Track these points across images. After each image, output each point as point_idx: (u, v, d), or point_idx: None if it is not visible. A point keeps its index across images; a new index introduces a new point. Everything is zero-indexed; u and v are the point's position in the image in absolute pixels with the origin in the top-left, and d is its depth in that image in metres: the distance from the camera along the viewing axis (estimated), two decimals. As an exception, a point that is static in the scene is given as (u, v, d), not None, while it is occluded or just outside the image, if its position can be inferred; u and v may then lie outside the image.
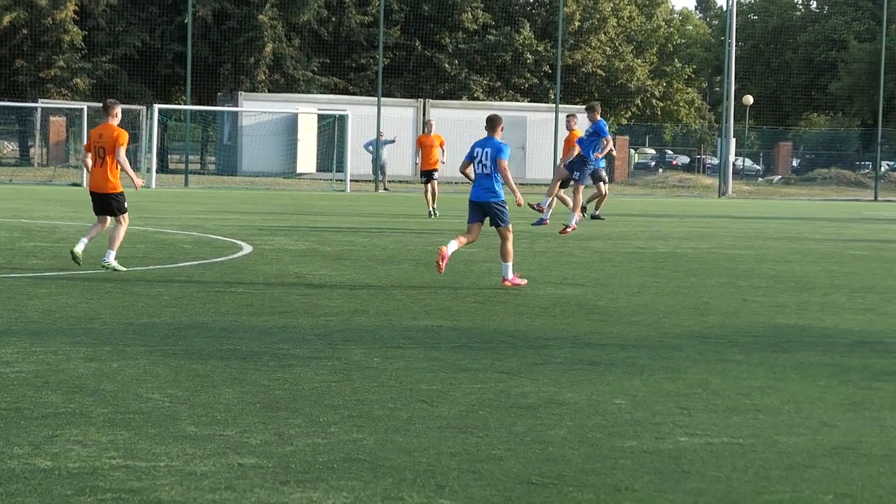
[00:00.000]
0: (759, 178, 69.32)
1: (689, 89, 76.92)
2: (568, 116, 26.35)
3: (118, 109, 15.18)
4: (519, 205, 15.25)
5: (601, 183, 26.78)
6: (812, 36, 77.15)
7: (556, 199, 23.75)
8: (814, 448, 6.92)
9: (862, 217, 35.22)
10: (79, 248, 14.85)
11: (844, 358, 10.07)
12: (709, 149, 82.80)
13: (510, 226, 14.52)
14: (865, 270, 18.24)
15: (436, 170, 29.52)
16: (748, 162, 75.50)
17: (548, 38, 62.90)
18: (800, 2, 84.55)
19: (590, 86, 66.49)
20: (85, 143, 16.43)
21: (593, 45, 65.78)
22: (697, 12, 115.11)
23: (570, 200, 23.54)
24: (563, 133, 52.20)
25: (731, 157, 53.24)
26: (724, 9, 66.08)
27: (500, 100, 61.00)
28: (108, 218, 15.21)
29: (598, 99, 66.18)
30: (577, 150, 23.28)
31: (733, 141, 53.64)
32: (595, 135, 23.05)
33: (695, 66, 79.45)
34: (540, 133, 55.29)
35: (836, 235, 26.02)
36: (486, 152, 14.48)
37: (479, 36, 62.61)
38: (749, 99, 55.14)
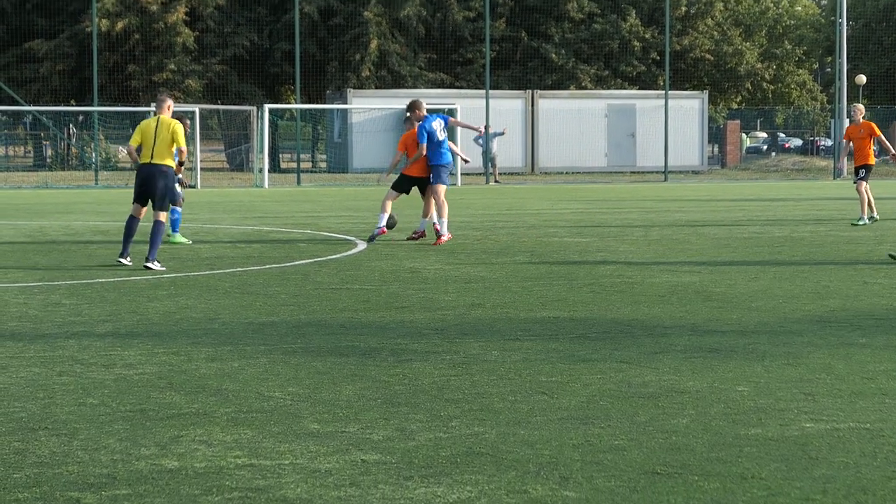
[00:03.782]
0: (875, 159, 68.12)
1: (801, 71, 75.84)
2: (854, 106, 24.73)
3: None
4: None
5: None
6: (926, 11, 75.65)
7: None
8: (944, 432, 6.78)
9: (983, 195, 34.51)
10: None
11: (971, 339, 9.87)
12: (822, 131, 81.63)
13: None
14: None
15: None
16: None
17: (654, 25, 62.47)
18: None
19: (699, 71, 65.90)
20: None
21: (701, 29, 65.15)
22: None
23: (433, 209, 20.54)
24: (673, 119, 52.61)
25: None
26: (834, -12, 65.03)
27: (609, 88, 60.70)
28: None
29: (708, 84, 65.64)
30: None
31: (847, 122, 52.81)
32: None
33: (805, 48, 78.31)
34: (650, 120, 54.91)
35: (957, 214, 25.50)
36: None
37: (586, 25, 62.35)
38: (862, 79, 54.24)
